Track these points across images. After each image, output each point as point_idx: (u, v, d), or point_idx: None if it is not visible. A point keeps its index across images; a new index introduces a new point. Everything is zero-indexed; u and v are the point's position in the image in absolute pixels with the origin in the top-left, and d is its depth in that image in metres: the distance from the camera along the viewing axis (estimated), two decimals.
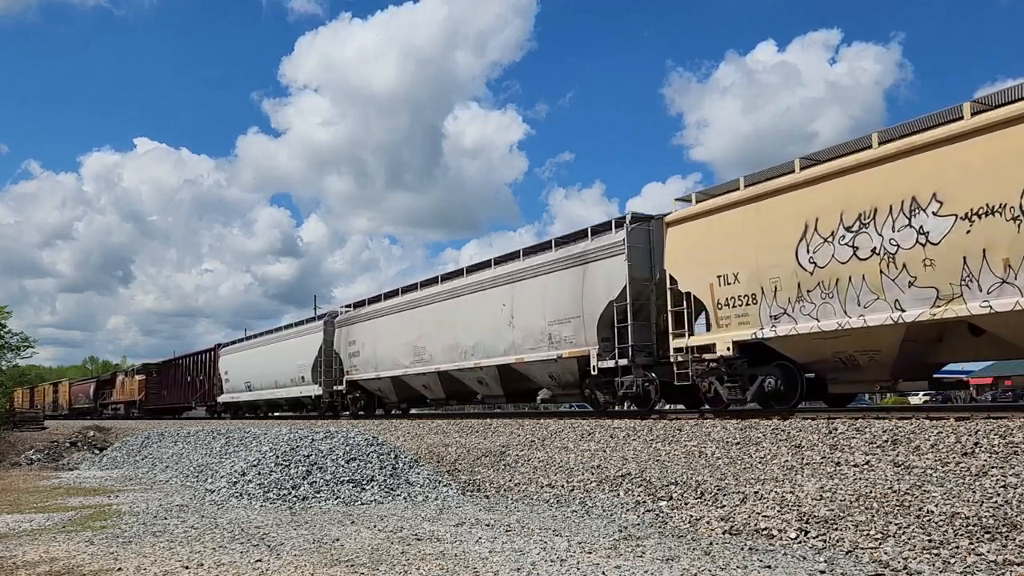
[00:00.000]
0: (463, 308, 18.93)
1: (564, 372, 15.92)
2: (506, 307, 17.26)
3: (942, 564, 5.43)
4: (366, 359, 23.59)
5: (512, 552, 6.37)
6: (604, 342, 14.61)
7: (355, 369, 24.26)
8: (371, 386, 23.69)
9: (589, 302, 14.96)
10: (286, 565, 6.13)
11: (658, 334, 14.10)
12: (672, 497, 8.18)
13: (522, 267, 17.13)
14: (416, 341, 20.71)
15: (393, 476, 10.62)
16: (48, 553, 6.91)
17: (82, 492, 12.50)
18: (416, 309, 21.14)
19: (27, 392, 74.75)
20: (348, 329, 25.09)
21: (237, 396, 34.73)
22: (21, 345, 28.57)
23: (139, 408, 49.11)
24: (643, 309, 14.28)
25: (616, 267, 14.42)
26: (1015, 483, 6.31)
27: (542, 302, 16.27)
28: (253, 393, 32.81)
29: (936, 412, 9.77)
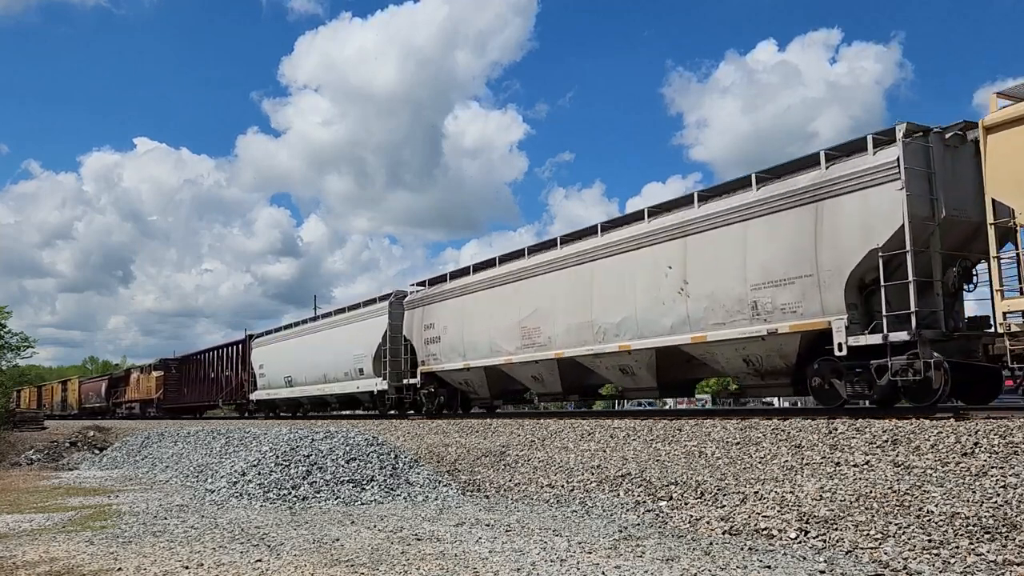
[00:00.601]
0: (602, 274, 14.64)
1: (771, 354, 11.87)
2: (674, 269, 13.00)
3: (942, 564, 5.43)
4: (450, 346, 19.27)
5: (512, 552, 6.37)
6: (852, 310, 10.69)
7: (433, 358, 19.98)
8: (455, 378, 19.61)
9: (830, 254, 10.86)
10: (286, 565, 6.13)
11: (945, 297, 10.48)
12: (672, 497, 8.18)
13: (699, 215, 12.86)
14: (525, 320, 16.44)
15: (393, 476, 10.62)
16: (48, 553, 6.91)
17: (82, 492, 12.50)
18: (525, 280, 16.67)
19: (34, 391, 72.71)
20: (424, 310, 20.60)
21: (274, 393, 30.70)
22: (21, 345, 28.62)
23: (157, 407, 45.52)
24: (922, 261, 10.23)
25: (881, 201, 10.27)
26: (1015, 483, 6.31)
27: (739, 259, 12.01)
28: (295, 389, 28.71)
29: (936, 412, 9.77)
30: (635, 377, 14.53)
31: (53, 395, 68.78)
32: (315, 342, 27.18)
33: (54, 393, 68.84)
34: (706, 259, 12.56)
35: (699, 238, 12.79)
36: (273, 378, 30.85)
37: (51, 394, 69.48)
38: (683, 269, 12.93)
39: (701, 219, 12.80)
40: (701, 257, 12.68)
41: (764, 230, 11.75)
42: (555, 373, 16.14)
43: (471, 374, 18.71)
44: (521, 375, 17.23)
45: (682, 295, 12.92)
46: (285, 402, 30.65)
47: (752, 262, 11.86)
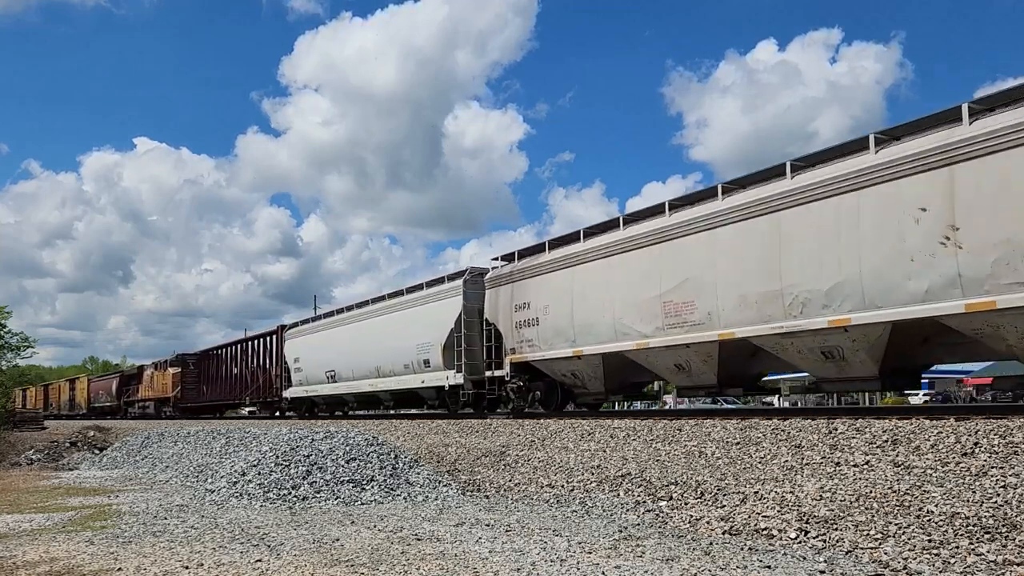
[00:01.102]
0: (797, 228, 11.01)
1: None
2: (930, 212, 9.31)
3: (942, 564, 5.43)
4: (552, 329, 15.79)
5: (512, 552, 6.37)
6: None
7: (528, 345, 16.43)
8: (558, 369, 16.13)
9: None
10: (286, 565, 6.13)
11: None
12: (672, 497, 8.18)
13: (973, 134, 9.14)
14: (670, 294, 13.01)
15: (393, 476, 10.62)
16: (48, 553, 6.91)
17: (82, 492, 12.50)
18: (669, 243, 13.20)
19: (40, 390, 70.05)
20: (514, 288, 17.01)
21: (313, 390, 27.24)
22: (21, 345, 28.57)
23: (173, 407, 42.18)
24: None
25: None
26: (1015, 483, 6.31)
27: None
28: (339, 385, 25.43)
29: (936, 412, 9.77)
30: (845, 364, 10.97)
31: (60, 394, 66.06)
32: (366, 331, 23.64)
33: (61, 392, 66.16)
34: (992, 193, 8.94)
35: (979, 164, 9.06)
36: (312, 373, 27.35)
37: (58, 393, 66.83)
38: (949, 211, 9.31)
39: (977, 139, 9.10)
40: (982, 192, 9.05)
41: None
42: (712, 360, 12.72)
43: (582, 363, 15.26)
44: (659, 363, 13.83)
45: (948, 246, 9.30)
46: (326, 400, 27.14)
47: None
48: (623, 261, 14.19)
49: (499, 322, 17.64)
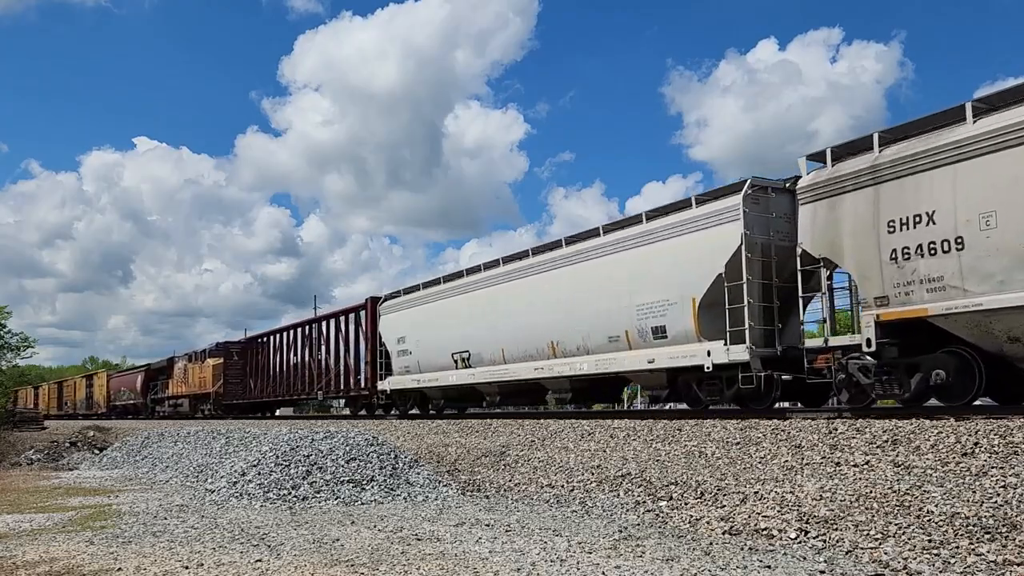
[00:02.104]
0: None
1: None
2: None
3: (942, 564, 5.43)
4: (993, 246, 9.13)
5: (512, 552, 6.37)
6: None
7: (928, 286, 9.77)
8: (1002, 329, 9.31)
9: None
10: (286, 565, 6.13)
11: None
12: (672, 497, 8.18)
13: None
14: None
15: (393, 476, 10.62)
16: (48, 553, 6.91)
17: (82, 492, 12.50)
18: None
19: (53, 388, 65.59)
20: (879, 193, 10.29)
21: (431, 379, 20.39)
22: (21, 345, 28.58)
23: (214, 404, 36.77)
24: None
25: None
26: (1015, 483, 6.31)
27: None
28: (478, 372, 18.35)
29: (936, 412, 9.77)
30: None
31: (76, 392, 60.62)
32: (530, 292, 16.57)
33: (77, 390, 60.60)
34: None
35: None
36: (427, 356, 20.52)
37: (73, 391, 61.39)
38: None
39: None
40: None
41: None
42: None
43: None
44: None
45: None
46: (452, 392, 20.53)
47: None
48: None
49: (845, 255, 10.84)
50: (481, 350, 18.41)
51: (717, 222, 12.55)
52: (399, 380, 22.16)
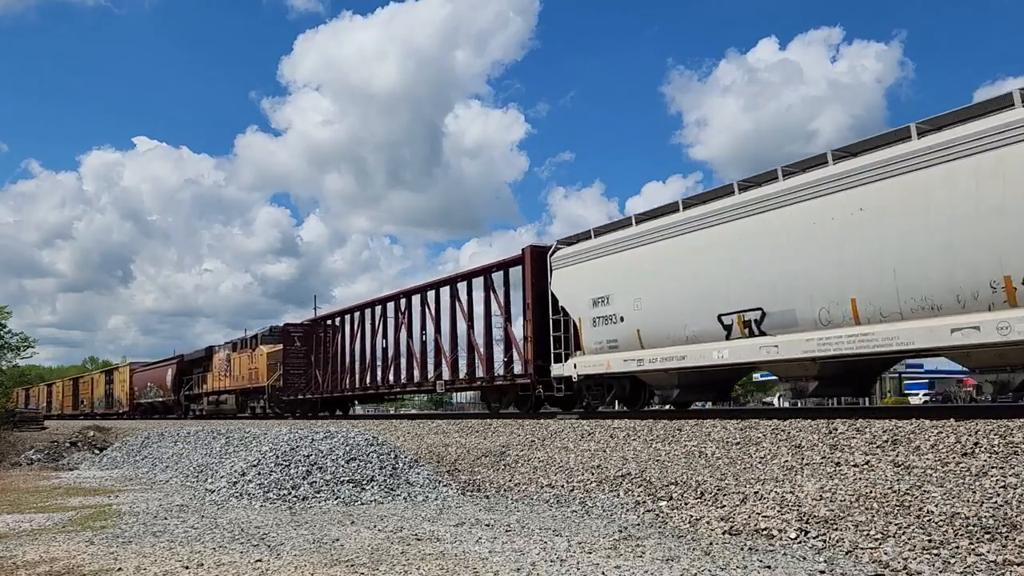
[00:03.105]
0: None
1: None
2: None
3: (942, 564, 5.43)
4: None
5: (512, 552, 6.37)
6: None
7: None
8: None
9: None
10: (286, 565, 6.13)
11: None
12: (672, 497, 8.18)
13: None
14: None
15: (393, 476, 10.62)
16: (48, 553, 6.91)
17: (82, 492, 12.51)
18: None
19: (68, 385, 60.80)
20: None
21: (670, 357, 13.31)
22: (21, 345, 28.56)
23: (269, 401, 30.55)
24: None
25: None
26: (1015, 483, 6.31)
27: None
28: (793, 339, 11.34)
29: (936, 412, 9.77)
30: None
31: (94, 389, 54.41)
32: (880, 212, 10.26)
33: (95, 387, 54.32)
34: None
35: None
36: (658, 321, 13.69)
37: (91, 388, 55.22)
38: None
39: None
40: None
41: None
42: None
43: None
44: None
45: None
46: (718, 374, 13.65)
47: None
48: None
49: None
50: (791, 304, 11.46)
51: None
52: (596, 361, 14.90)
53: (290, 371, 28.99)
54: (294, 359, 29.11)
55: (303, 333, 29.46)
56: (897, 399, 51.57)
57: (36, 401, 65.45)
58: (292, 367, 29.01)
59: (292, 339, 29.45)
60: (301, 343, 29.12)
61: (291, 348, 29.23)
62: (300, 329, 29.79)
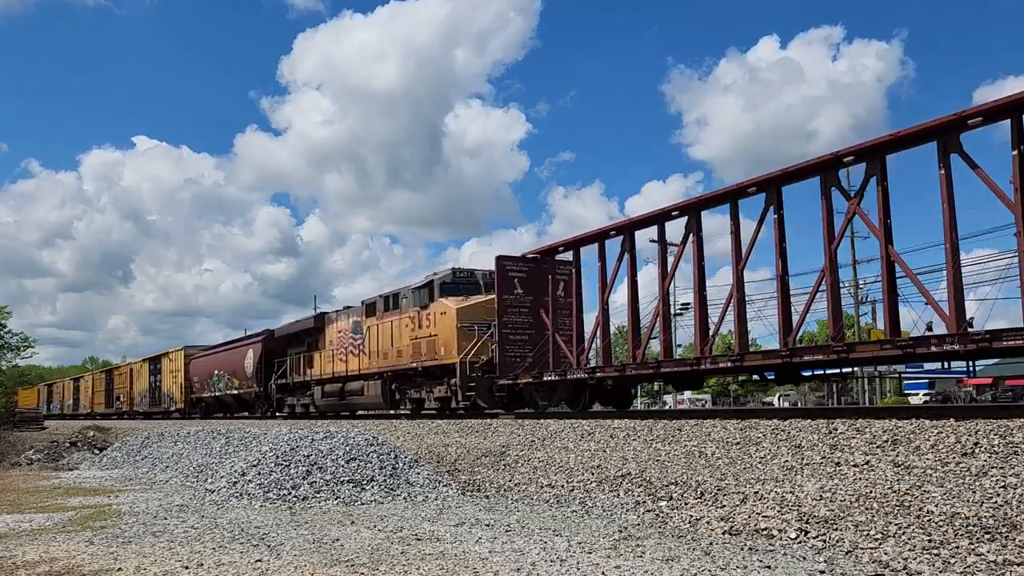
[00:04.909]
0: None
1: None
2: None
3: (942, 564, 5.43)
4: None
5: (512, 552, 6.37)
6: None
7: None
8: None
9: None
10: (286, 565, 6.13)
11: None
12: (672, 497, 8.18)
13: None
14: None
15: (393, 476, 10.62)
16: (48, 553, 6.91)
17: (82, 492, 12.51)
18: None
19: (100, 378, 51.10)
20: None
21: None
22: (21, 345, 28.55)
23: (463, 387, 18.20)
24: None
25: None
26: (1015, 483, 6.31)
27: None
28: None
29: (936, 412, 9.77)
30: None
31: (134, 383, 44.08)
32: None
33: (136, 379, 43.87)
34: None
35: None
36: None
37: (129, 381, 44.82)
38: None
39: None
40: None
41: None
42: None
43: None
44: None
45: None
46: None
47: None
48: None
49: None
50: None
51: None
52: None
53: (509, 335, 17.14)
54: (514, 315, 17.31)
55: (527, 273, 17.41)
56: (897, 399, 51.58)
57: (61, 399, 59.87)
58: (511, 329, 17.24)
59: (509, 283, 17.25)
60: (524, 289, 17.35)
61: (509, 298, 17.18)
62: (522, 267, 17.54)
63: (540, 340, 17.06)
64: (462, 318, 18.98)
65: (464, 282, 20.45)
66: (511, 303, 17.41)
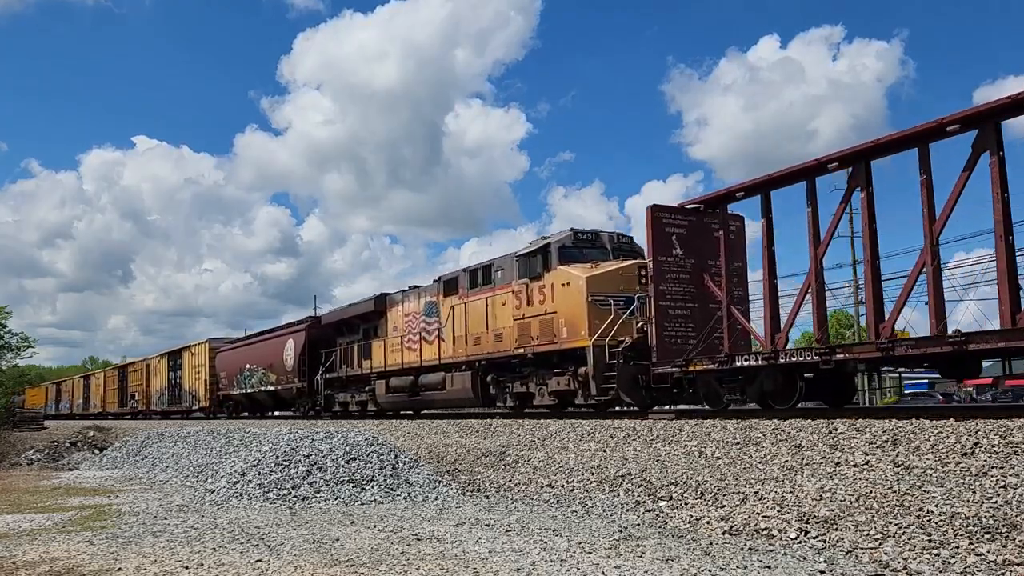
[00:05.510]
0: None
1: None
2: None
3: (942, 564, 5.43)
4: None
5: (512, 552, 6.37)
6: None
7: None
8: None
9: None
10: (286, 565, 6.13)
11: None
12: (672, 497, 8.19)
13: None
14: None
15: (393, 476, 10.62)
16: (48, 553, 6.91)
17: (82, 492, 12.51)
18: None
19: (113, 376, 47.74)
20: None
21: None
22: (21, 345, 28.61)
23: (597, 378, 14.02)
24: None
25: None
26: (1015, 483, 6.31)
27: None
28: None
29: (936, 412, 9.77)
30: None
31: (150, 379, 40.66)
32: None
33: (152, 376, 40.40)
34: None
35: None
36: None
37: (145, 378, 41.30)
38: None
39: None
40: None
41: None
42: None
43: None
44: None
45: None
46: None
47: None
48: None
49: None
50: None
51: None
52: None
53: (668, 309, 13.24)
54: (673, 283, 13.36)
55: (687, 229, 13.46)
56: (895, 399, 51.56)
57: (70, 397, 57.60)
58: (671, 301, 13.30)
59: (666, 240, 13.30)
60: (684, 249, 13.44)
61: (666, 260, 13.28)
62: (681, 220, 13.52)
63: (703, 316, 13.33)
64: (594, 289, 14.85)
65: (587, 246, 16.28)
66: (669, 267, 13.37)
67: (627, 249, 16.45)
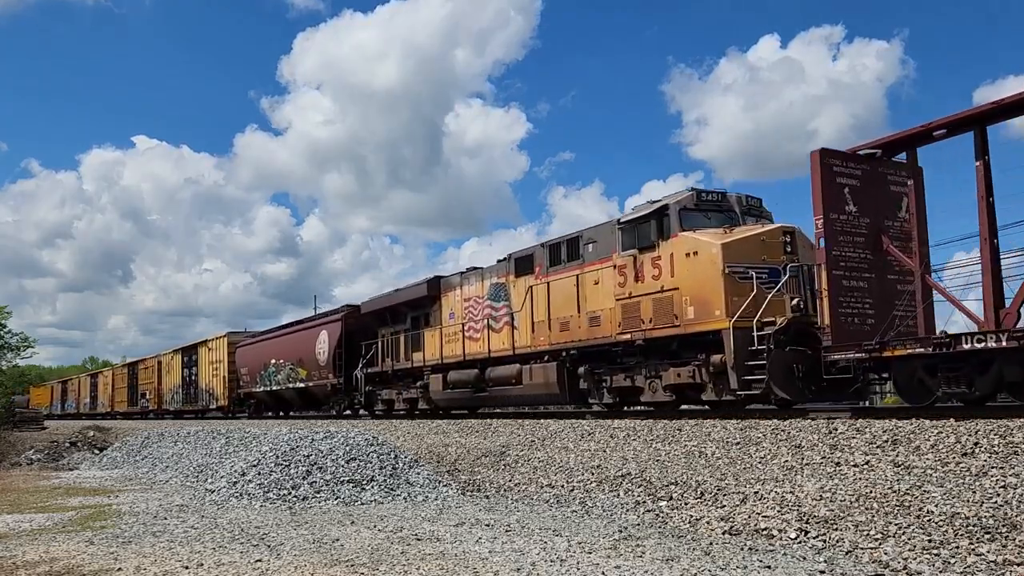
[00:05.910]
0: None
1: None
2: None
3: (942, 564, 5.43)
4: None
5: (512, 552, 6.37)
6: None
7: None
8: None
9: None
10: (286, 565, 6.13)
11: None
12: (672, 497, 8.19)
13: None
14: None
15: (393, 476, 10.62)
16: (48, 553, 6.91)
17: (82, 492, 12.51)
18: None
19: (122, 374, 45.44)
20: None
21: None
22: (21, 345, 28.59)
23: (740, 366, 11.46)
24: None
25: None
26: (1015, 483, 6.31)
27: None
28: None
29: (936, 412, 9.77)
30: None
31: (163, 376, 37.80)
32: None
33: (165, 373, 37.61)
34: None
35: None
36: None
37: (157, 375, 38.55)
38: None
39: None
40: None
41: None
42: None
43: None
44: None
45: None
46: None
47: None
48: None
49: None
50: None
51: None
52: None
53: (842, 280, 10.84)
54: (847, 247, 10.95)
55: (860, 181, 11.07)
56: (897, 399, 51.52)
57: (77, 396, 55.50)
58: (845, 270, 10.88)
59: (838, 194, 10.88)
60: (858, 206, 11.04)
61: (838, 219, 10.86)
62: (854, 170, 11.10)
63: (882, 289, 10.93)
64: (730, 259, 12.16)
65: (712, 208, 13.51)
66: (843, 227, 10.85)
67: (757, 213, 13.76)
